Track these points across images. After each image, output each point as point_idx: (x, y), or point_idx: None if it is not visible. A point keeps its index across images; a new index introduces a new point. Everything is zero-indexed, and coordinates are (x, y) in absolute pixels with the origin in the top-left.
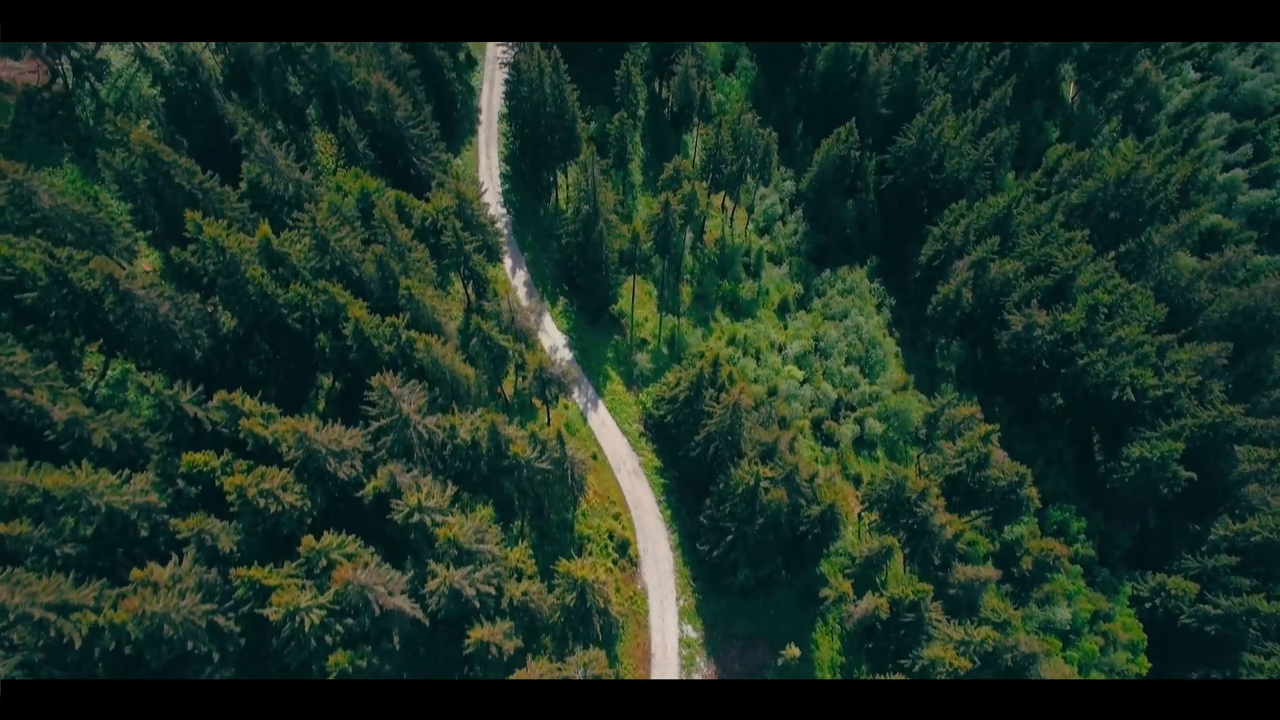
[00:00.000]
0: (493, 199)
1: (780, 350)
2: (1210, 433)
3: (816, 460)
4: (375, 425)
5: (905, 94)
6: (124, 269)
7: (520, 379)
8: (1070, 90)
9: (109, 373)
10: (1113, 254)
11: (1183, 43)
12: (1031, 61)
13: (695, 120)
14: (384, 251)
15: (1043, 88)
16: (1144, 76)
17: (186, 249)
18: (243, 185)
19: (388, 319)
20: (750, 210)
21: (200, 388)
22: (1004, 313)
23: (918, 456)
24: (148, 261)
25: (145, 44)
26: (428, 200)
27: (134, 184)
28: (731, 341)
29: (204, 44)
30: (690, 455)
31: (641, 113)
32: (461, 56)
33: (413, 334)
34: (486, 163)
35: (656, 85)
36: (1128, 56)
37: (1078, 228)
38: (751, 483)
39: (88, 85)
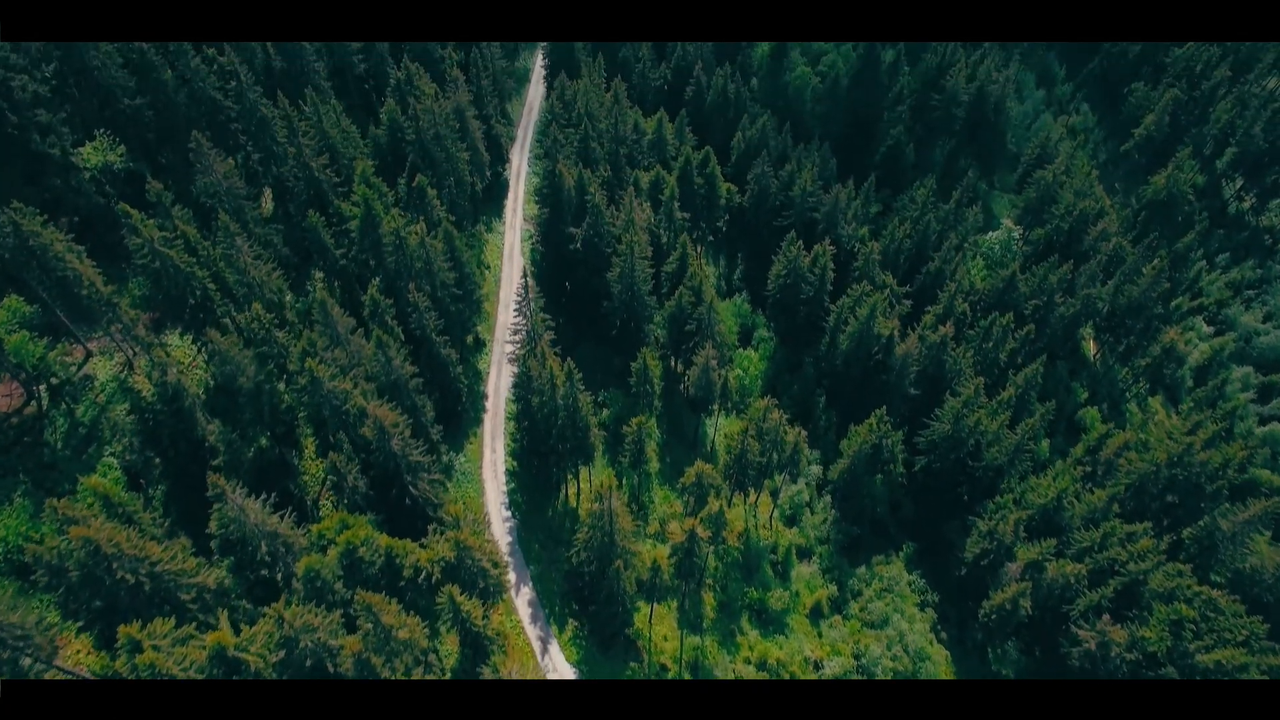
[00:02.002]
0: (496, 501)
1: (817, 668)
2: None
3: None
4: None
5: (933, 372)
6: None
7: None
8: (1091, 348)
9: None
10: (1174, 536)
11: (1190, 298)
12: (1053, 329)
13: (715, 405)
14: (363, 648)
15: (1064, 349)
16: (1170, 346)
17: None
18: (213, 541)
19: None
20: (775, 496)
21: None
22: (1070, 624)
23: None
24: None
25: (130, 370)
26: (423, 546)
27: (66, 576)
28: (762, 666)
29: (188, 364)
30: None
31: (658, 401)
32: (470, 339)
33: None
34: (491, 457)
35: (673, 362)
36: (1148, 323)
37: (1132, 513)
38: None
39: (64, 405)
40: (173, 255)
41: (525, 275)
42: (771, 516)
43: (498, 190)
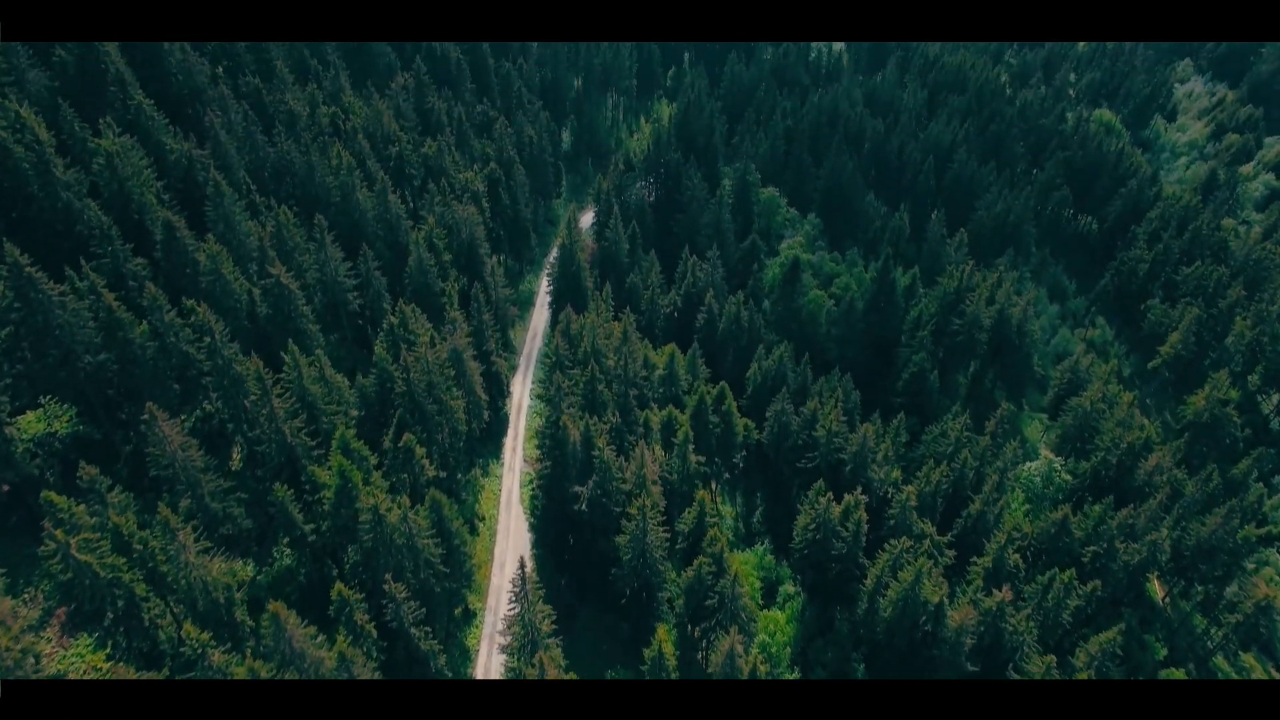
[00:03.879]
0: None
1: None
2: None
3: None
4: None
5: (990, 641)
6: None
7: None
8: (1158, 590)
9: None
10: None
11: (1256, 525)
12: (1116, 577)
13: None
14: None
15: (1129, 596)
16: (1266, 604)
17: None
18: None
19: None
20: None
21: None
22: None
23: None
24: None
25: None
26: None
27: None
28: None
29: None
30: None
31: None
32: (458, 611)
33: None
34: None
35: (689, 628)
36: (1224, 567)
37: None
38: None
39: None
40: (92, 562)
41: (521, 566)
42: None
43: (497, 426)
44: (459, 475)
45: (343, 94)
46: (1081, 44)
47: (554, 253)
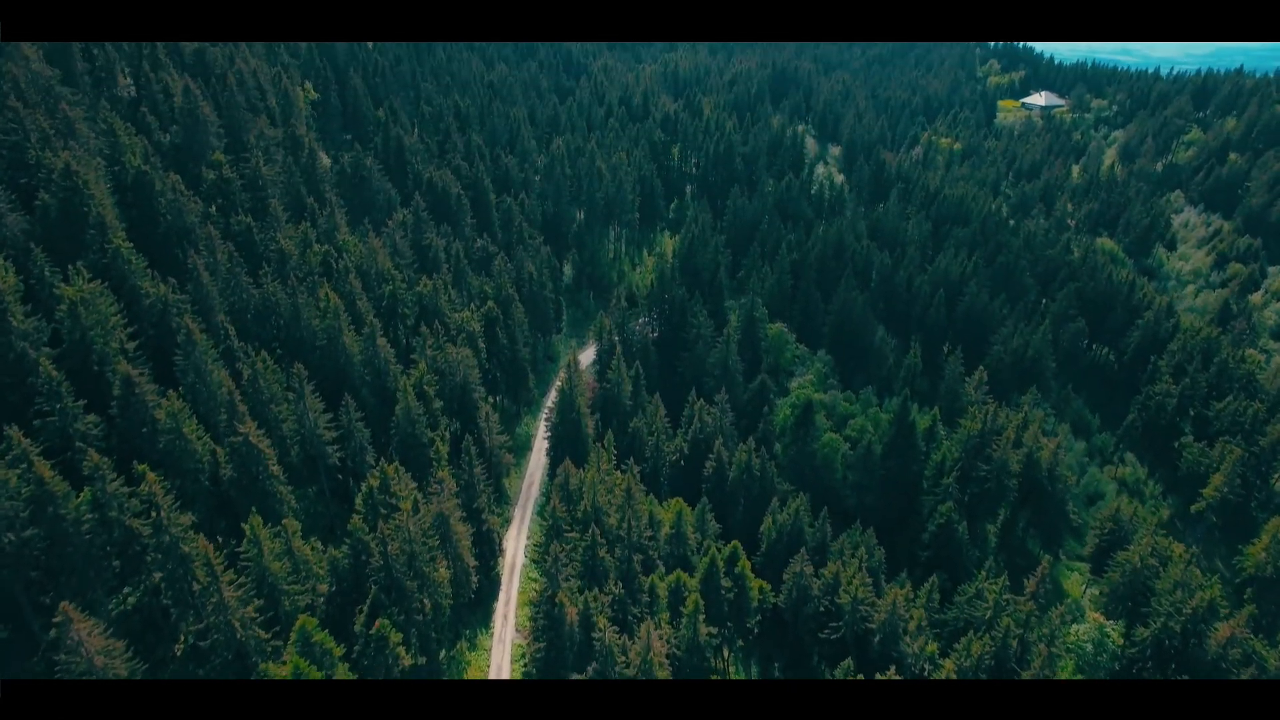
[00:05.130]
0: None
1: None
2: None
3: None
4: None
5: None
6: None
7: None
8: None
9: None
10: None
11: None
12: None
13: None
14: None
15: None
16: None
17: None
18: None
19: None
20: None
21: None
22: None
23: None
24: None
25: None
26: None
27: None
28: None
29: None
30: None
31: None
32: None
33: None
34: None
35: None
36: None
37: None
38: None
39: None
40: None
41: None
42: None
43: (487, 589)
44: (442, 653)
45: (337, 232)
46: (1076, 174)
47: (553, 395)
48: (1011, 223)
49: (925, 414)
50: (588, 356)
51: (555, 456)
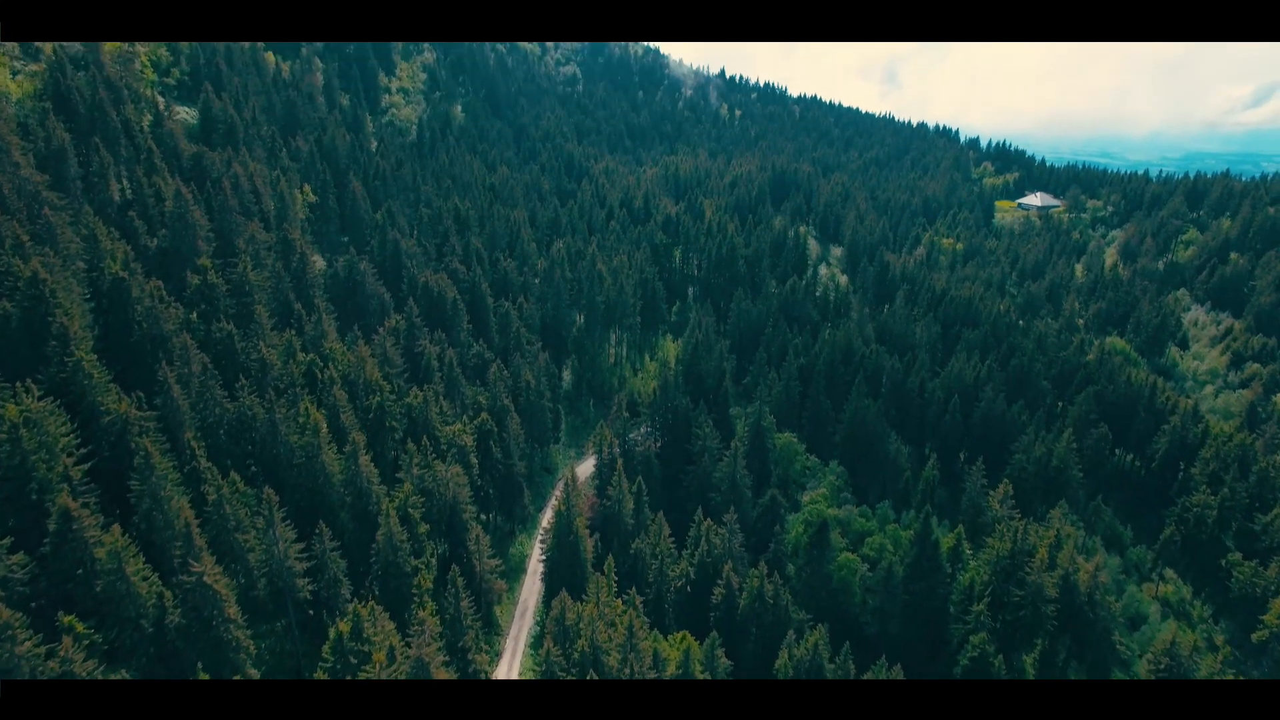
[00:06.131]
0: None
1: None
2: None
3: None
4: None
5: None
6: None
7: None
8: None
9: None
10: None
11: None
12: None
13: None
14: None
15: None
16: None
17: None
18: None
19: None
20: None
21: None
22: None
23: None
24: None
25: None
26: None
27: None
28: None
29: None
30: None
31: None
32: None
33: None
34: None
35: None
36: None
37: None
38: None
39: None
40: None
41: None
42: None
43: None
44: None
45: (325, 340)
46: (1079, 273)
47: (549, 513)
48: (1021, 323)
49: (947, 530)
50: (586, 468)
51: (551, 584)
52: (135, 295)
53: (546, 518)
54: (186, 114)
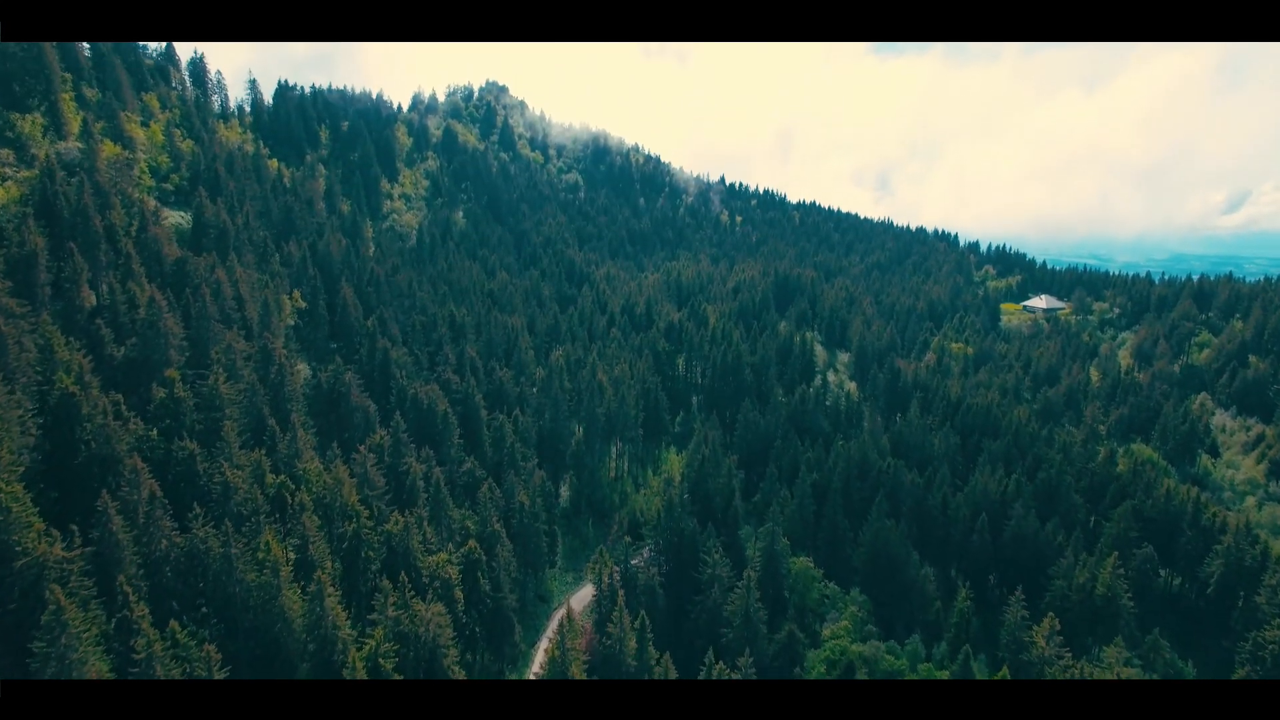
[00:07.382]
0: None
1: None
2: None
3: None
4: None
5: None
6: None
7: None
8: None
9: None
10: None
11: None
12: None
13: None
14: None
15: None
16: None
17: None
18: None
19: None
20: None
21: None
22: None
23: None
24: None
25: None
26: None
27: None
28: None
29: None
30: None
31: None
32: None
33: None
34: None
35: None
36: None
37: None
38: None
39: None
40: None
41: None
42: None
43: None
44: None
45: (299, 459)
46: (1095, 378)
47: (542, 654)
48: (1044, 433)
49: (984, 666)
50: (584, 596)
51: None
52: (85, 412)
53: (539, 660)
54: (180, 219)
